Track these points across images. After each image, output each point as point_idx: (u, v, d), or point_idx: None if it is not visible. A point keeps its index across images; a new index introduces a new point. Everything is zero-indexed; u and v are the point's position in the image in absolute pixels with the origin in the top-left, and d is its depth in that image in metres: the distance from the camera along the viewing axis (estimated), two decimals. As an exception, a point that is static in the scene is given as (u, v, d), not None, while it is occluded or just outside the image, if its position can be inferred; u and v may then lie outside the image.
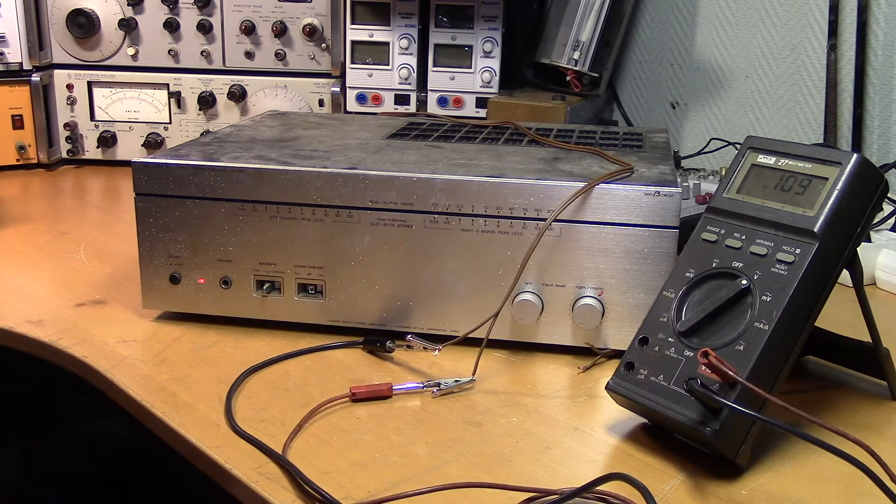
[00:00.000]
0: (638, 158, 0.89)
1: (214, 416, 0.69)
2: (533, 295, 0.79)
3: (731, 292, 0.64)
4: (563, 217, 0.77)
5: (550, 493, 0.58)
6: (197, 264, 0.84)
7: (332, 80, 1.47)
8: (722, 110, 1.50)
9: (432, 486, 0.58)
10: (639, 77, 1.61)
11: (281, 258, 0.83)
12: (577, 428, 0.68)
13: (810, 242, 0.63)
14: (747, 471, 0.62)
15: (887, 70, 1.29)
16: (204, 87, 1.49)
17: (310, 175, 0.81)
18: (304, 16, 1.45)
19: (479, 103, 1.45)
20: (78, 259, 1.05)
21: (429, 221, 0.80)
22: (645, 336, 0.66)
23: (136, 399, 0.71)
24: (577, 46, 1.41)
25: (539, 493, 0.58)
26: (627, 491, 0.57)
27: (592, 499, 0.58)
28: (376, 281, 0.81)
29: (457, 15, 1.45)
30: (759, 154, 0.69)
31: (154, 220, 0.84)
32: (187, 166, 0.83)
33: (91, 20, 1.45)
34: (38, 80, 1.45)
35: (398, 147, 0.93)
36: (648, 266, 0.77)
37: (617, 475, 0.57)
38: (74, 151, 1.51)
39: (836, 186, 0.63)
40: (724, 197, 0.69)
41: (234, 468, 0.62)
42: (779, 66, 1.42)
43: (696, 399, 0.60)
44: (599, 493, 0.58)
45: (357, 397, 0.71)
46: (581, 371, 0.77)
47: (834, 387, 0.76)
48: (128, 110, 1.50)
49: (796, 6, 1.38)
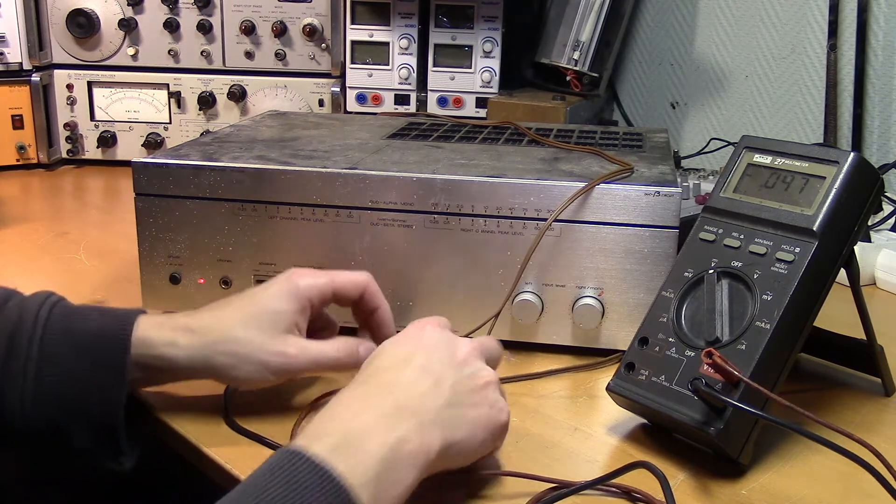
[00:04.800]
0: (638, 158, 0.89)
1: (214, 416, 0.69)
2: (533, 295, 0.79)
3: (732, 291, 0.64)
4: (563, 217, 0.77)
5: (570, 485, 0.58)
6: (197, 264, 0.84)
7: (332, 80, 1.47)
8: (722, 110, 1.50)
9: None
10: (639, 77, 1.61)
11: (281, 258, 0.83)
12: (577, 428, 0.68)
13: (810, 241, 0.63)
14: (748, 470, 0.62)
15: (887, 70, 1.29)
16: (204, 87, 1.49)
17: (310, 175, 0.81)
18: (304, 16, 1.45)
19: (479, 103, 1.45)
20: (78, 259, 1.05)
21: (429, 221, 0.80)
22: (645, 336, 0.66)
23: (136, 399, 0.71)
24: (577, 46, 1.41)
25: (560, 483, 0.59)
26: (640, 481, 0.58)
27: (610, 490, 0.59)
28: (376, 281, 0.81)
29: (457, 15, 1.45)
30: (755, 153, 0.69)
31: (154, 220, 0.84)
32: (187, 166, 0.83)
33: (91, 20, 1.45)
34: (38, 80, 1.45)
35: (398, 147, 0.93)
36: (648, 266, 0.77)
37: (641, 463, 0.59)
38: (74, 151, 1.51)
39: (834, 185, 0.63)
40: (722, 196, 0.69)
41: (234, 468, 0.62)
42: (779, 66, 1.42)
43: (701, 399, 0.60)
44: (615, 484, 0.59)
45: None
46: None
47: (829, 385, 0.76)
48: (128, 110, 1.50)
49: (796, 6, 1.38)
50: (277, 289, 0.66)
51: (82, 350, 0.63)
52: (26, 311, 0.64)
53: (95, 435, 0.63)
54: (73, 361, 0.62)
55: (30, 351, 0.62)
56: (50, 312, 0.64)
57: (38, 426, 0.62)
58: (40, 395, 0.62)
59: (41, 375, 0.62)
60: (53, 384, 0.62)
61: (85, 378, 0.62)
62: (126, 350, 0.63)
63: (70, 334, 0.63)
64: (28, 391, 0.61)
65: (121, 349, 0.63)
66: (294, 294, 0.66)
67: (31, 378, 0.62)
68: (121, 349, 0.63)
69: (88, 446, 0.63)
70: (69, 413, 0.62)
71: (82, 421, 0.63)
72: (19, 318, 0.63)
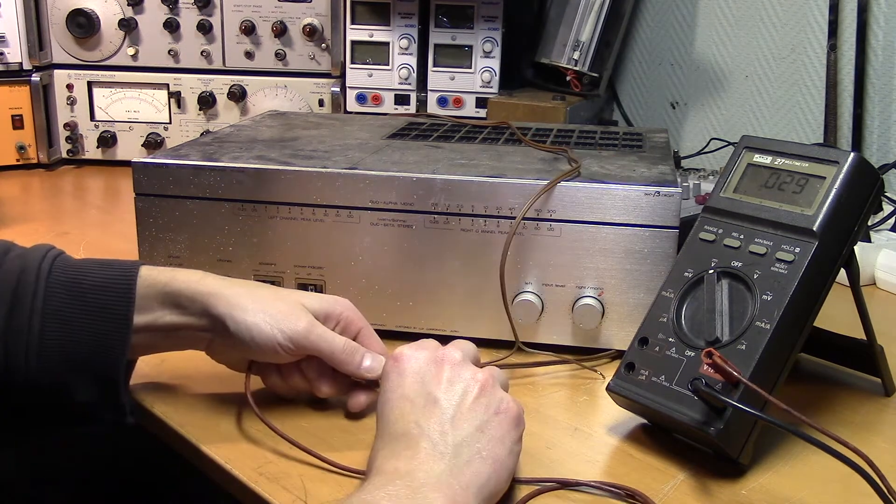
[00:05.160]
0: (638, 158, 0.89)
1: (214, 416, 0.69)
2: (533, 295, 0.79)
3: (732, 291, 0.64)
4: (563, 217, 0.77)
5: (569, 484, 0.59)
6: (197, 264, 0.84)
7: (332, 80, 1.47)
8: (722, 110, 1.50)
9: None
10: (639, 77, 1.61)
11: (281, 258, 0.83)
12: (577, 428, 0.68)
13: (810, 241, 0.63)
14: (748, 471, 0.62)
15: (887, 70, 1.29)
16: (204, 87, 1.49)
17: (310, 175, 0.81)
18: (304, 16, 1.45)
19: (479, 103, 1.45)
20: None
21: (429, 221, 0.80)
22: (645, 336, 0.66)
23: (136, 399, 0.71)
24: (577, 46, 1.41)
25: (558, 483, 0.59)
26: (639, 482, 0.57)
27: (610, 490, 0.59)
28: (376, 281, 0.81)
29: (457, 15, 1.45)
30: (755, 153, 0.69)
31: (154, 220, 0.84)
32: (187, 166, 0.83)
33: (91, 20, 1.45)
34: (38, 80, 1.45)
35: (398, 147, 0.93)
36: (648, 266, 0.77)
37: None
38: (74, 151, 1.51)
39: (834, 185, 0.63)
40: (722, 196, 0.69)
41: (234, 468, 0.62)
42: (779, 66, 1.42)
43: (701, 399, 0.60)
44: (615, 485, 0.59)
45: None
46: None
47: (829, 385, 0.76)
48: (128, 110, 1.50)
49: (796, 6, 1.38)
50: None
51: (86, 303, 0.63)
52: (28, 265, 0.63)
53: (98, 388, 0.63)
54: (76, 315, 0.62)
55: (34, 304, 0.62)
56: (52, 265, 0.64)
57: (43, 379, 0.62)
58: (44, 349, 0.62)
59: (45, 329, 0.62)
60: (57, 337, 0.62)
61: (88, 331, 0.62)
62: (130, 302, 0.63)
63: (73, 287, 0.63)
64: (33, 345, 0.61)
65: (125, 302, 0.63)
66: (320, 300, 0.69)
67: (35, 332, 0.61)
68: (125, 302, 0.63)
69: (92, 399, 0.63)
70: (73, 366, 0.62)
71: (86, 374, 0.63)
72: (22, 270, 0.63)
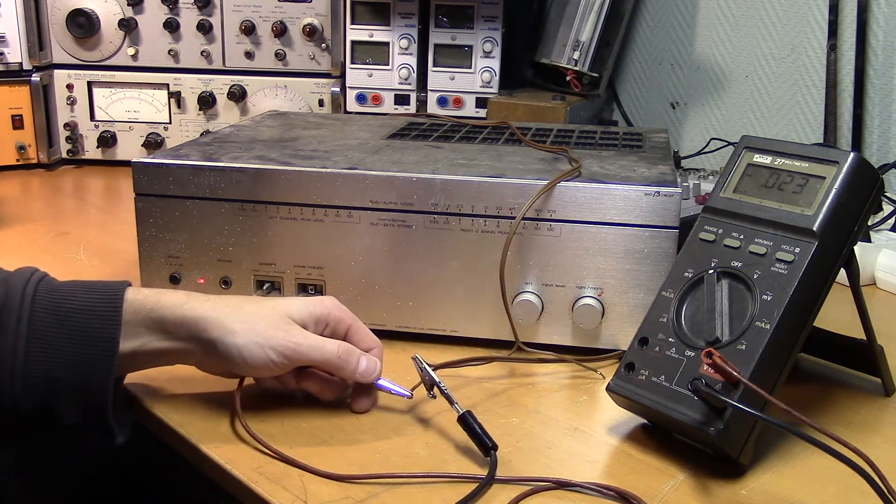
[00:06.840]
0: (638, 158, 0.89)
1: (214, 416, 0.69)
2: (533, 295, 0.79)
3: (732, 291, 0.64)
4: (563, 217, 0.77)
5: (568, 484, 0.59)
6: (197, 264, 0.84)
7: (332, 80, 1.47)
8: (722, 110, 1.50)
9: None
10: (639, 77, 1.61)
11: (281, 258, 0.83)
12: (577, 428, 0.68)
13: (810, 241, 0.63)
14: (747, 471, 0.62)
15: (887, 70, 1.29)
16: (204, 87, 1.49)
17: (310, 175, 0.81)
18: (304, 16, 1.45)
19: (479, 103, 1.45)
20: (78, 259, 1.05)
21: (429, 221, 0.80)
22: (645, 336, 0.66)
23: (136, 399, 0.71)
24: (577, 46, 1.41)
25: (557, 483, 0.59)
26: (637, 484, 0.57)
27: (605, 492, 0.59)
28: (376, 281, 0.81)
29: (457, 15, 1.45)
30: (754, 153, 0.69)
31: (154, 220, 0.84)
32: (187, 166, 0.83)
33: (91, 20, 1.45)
34: (38, 80, 1.45)
35: (398, 147, 0.93)
36: (648, 266, 0.77)
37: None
38: (74, 151, 1.51)
39: (834, 185, 0.63)
40: (721, 196, 0.69)
41: (234, 468, 0.62)
42: (779, 66, 1.42)
43: (701, 399, 0.60)
44: (611, 486, 0.59)
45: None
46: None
47: (829, 384, 0.76)
48: (128, 110, 1.50)
49: (796, 6, 1.38)
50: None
51: (71, 327, 0.62)
52: (12, 288, 0.63)
53: (84, 412, 0.63)
54: (61, 339, 0.62)
55: (18, 329, 0.61)
56: (36, 289, 0.63)
57: (28, 403, 0.62)
58: (30, 373, 0.61)
59: (30, 353, 0.61)
60: (42, 361, 0.61)
61: (74, 355, 0.62)
62: (117, 326, 0.63)
63: (57, 311, 0.63)
64: (18, 369, 0.61)
65: (111, 325, 0.63)
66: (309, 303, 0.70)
67: (20, 356, 0.61)
68: (111, 325, 0.63)
69: (78, 423, 0.63)
70: (58, 390, 0.62)
71: (72, 398, 0.62)
72: (6, 295, 0.62)
